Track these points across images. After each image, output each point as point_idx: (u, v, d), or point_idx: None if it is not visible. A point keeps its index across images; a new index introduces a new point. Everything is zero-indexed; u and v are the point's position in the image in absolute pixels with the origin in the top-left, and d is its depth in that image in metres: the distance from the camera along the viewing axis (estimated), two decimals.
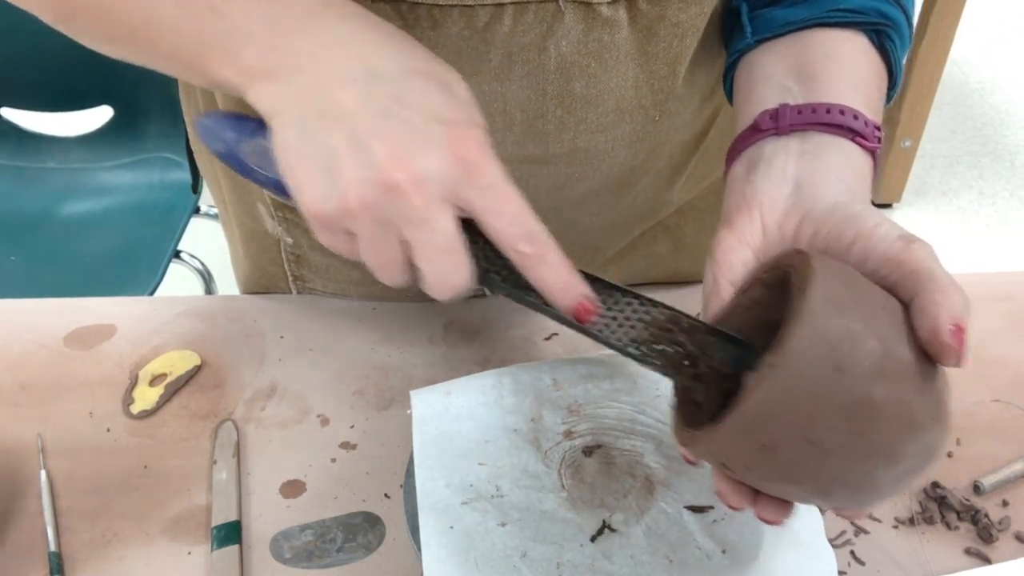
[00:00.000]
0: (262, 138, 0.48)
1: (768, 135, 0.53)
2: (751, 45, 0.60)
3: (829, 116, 0.52)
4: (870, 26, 0.58)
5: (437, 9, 0.57)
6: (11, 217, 1.46)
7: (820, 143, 0.52)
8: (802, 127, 0.52)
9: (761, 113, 0.54)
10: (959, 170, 2.48)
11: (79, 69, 1.38)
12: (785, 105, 0.53)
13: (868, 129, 0.52)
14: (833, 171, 0.51)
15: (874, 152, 0.53)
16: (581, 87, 0.62)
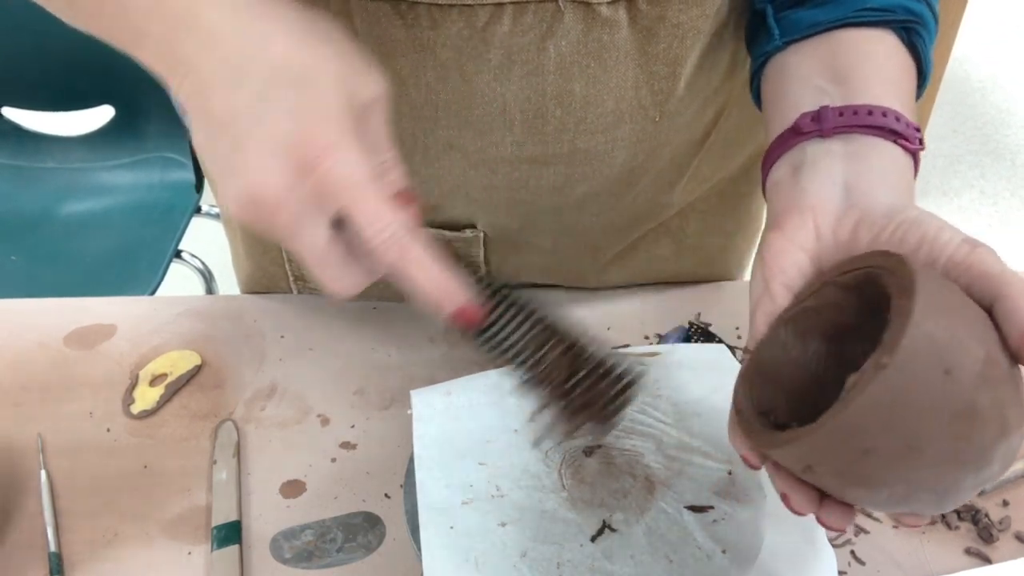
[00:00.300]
0: None
1: (811, 137, 0.52)
2: (779, 47, 0.59)
3: (871, 118, 0.51)
4: (899, 24, 0.57)
5: (436, 9, 0.57)
6: (11, 217, 1.46)
7: (865, 145, 0.51)
8: (845, 129, 0.52)
9: (802, 115, 0.53)
10: (960, 169, 2.48)
11: (80, 69, 1.38)
12: (826, 107, 0.53)
13: (909, 131, 0.52)
14: (881, 173, 0.50)
15: (916, 154, 0.52)
16: (581, 87, 0.62)
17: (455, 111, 0.62)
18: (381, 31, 0.58)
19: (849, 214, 0.48)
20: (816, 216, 0.49)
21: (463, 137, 0.64)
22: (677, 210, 0.82)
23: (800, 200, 0.50)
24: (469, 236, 0.75)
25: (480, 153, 0.65)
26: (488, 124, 0.63)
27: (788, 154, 0.53)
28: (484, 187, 0.68)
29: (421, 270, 0.45)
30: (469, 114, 0.62)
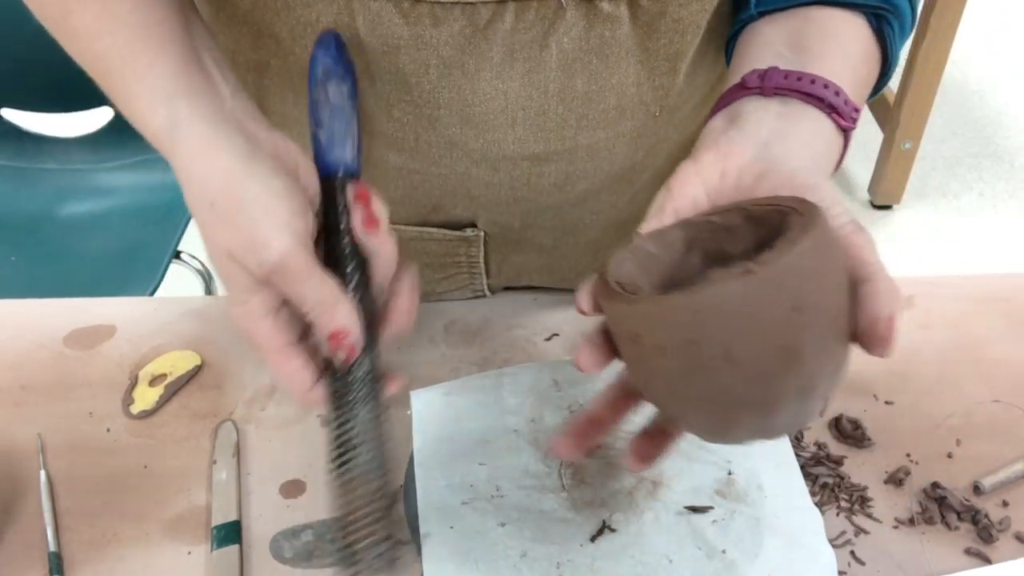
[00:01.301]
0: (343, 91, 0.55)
1: (752, 93, 0.54)
2: (753, 16, 0.61)
3: (812, 87, 0.53)
4: (870, 9, 0.59)
5: (439, 7, 0.57)
6: (11, 218, 1.46)
7: (798, 110, 0.53)
8: (785, 91, 0.53)
9: (750, 72, 0.55)
10: (959, 171, 2.48)
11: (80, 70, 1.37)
12: (774, 68, 0.54)
13: (847, 108, 0.53)
14: (803, 140, 0.52)
15: (847, 131, 0.54)
16: (582, 84, 0.62)
17: (457, 109, 0.62)
18: (383, 29, 0.58)
19: (757, 165, 0.50)
20: (727, 159, 0.51)
21: (465, 135, 0.64)
22: None
23: (720, 143, 0.52)
24: (470, 235, 0.75)
25: (482, 151, 0.65)
26: (490, 121, 0.63)
27: (730, 107, 0.55)
28: (486, 184, 0.68)
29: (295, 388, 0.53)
30: (471, 112, 0.63)
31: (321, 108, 0.55)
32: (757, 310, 0.40)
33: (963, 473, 0.68)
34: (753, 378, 0.42)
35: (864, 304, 0.44)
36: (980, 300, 0.82)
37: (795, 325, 0.41)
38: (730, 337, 0.41)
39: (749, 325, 0.40)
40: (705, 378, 0.42)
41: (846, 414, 0.71)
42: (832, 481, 0.67)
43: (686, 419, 0.47)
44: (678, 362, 0.42)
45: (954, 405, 0.73)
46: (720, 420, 0.45)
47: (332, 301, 0.51)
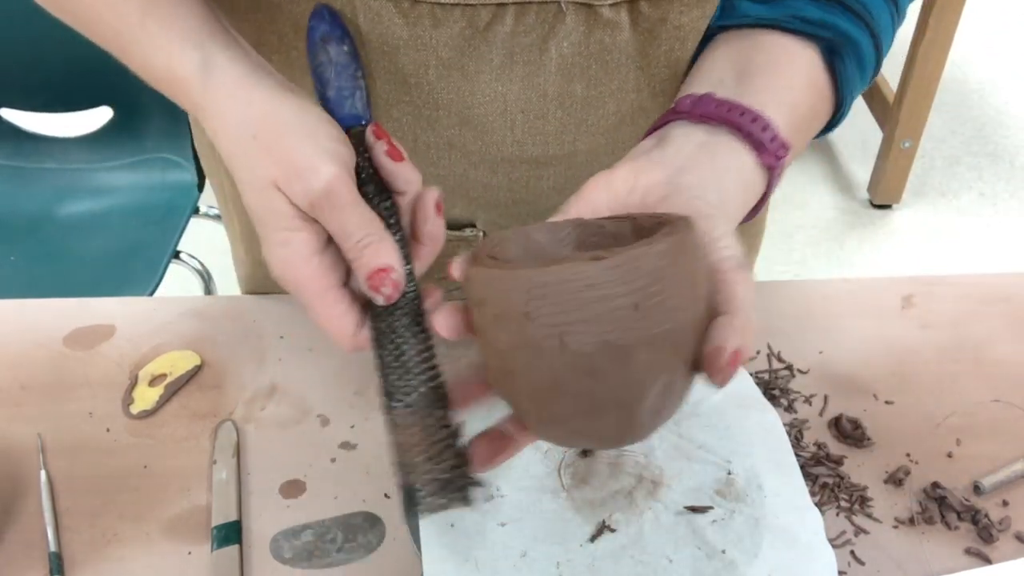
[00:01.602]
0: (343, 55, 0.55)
1: (683, 117, 0.54)
2: (712, 30, 0.61)
3: (740, 119, 0.52)
4: (824, 42, 0.58)
5: (439, 8, 0.57)
6: (11, 217, 1.46)
7: (722, 141, 0.52)
8: (713, 120, 0.53)
9: (684, 96, 0.55)
10: (959, 171, 2.48)
11: (79, 70, 1.38)
12: (708, 95, 0.54)
13: (772, 144, 0.53)
14: (718, 170, 0.51)
15: (771, 168, 0.53)
16: (582, 88, 0.62)
17: (456, 110, 0.62)
18: (383, 29, 0.58)
19: (663, 188, 0.50)
20: (639, 176, 0.51)
21: (463, 136, 0.64)
22: None
23: (638, 160, 0.52)
24: (469, 235, 0.75)
25: (481, 152, 0.65)
26: (489, 124, 0.63)
27: (661, 129, 0.55)
28: (484, 186, 0.68)
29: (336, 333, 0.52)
30: (470, 113, 0.63)
31: (325, 69, 0.55)
32: (596, 297, 0.40)
33: (963, 473, 0.68)
34: (579, 369, 0.41)
35: (713, 332, 0.43)
36: (980, 300, 0.82)
37: (631, 323, 0.40)
38: (564, 319, 0.40)
39: (585, 310, 0.40)
40: (533, 356, 0.42)
41: (846, 414, 0.71)
42: (832, 481, 0.67)
43: (514, 403, 0.46)
44: (511, 335, 0.42)
45: (954, 405, 0.73)
46: (544, 411, 0.44)
47: (377, 236, 0.49)
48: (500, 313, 0.43)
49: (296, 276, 0.50)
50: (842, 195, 2.41)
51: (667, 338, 0.41)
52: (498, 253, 0.47)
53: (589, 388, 0.42)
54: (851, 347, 0.77)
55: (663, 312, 0.41)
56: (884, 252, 2.26)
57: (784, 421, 0.69)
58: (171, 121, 1.44)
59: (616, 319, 0.40)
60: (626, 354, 0.41)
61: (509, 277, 0.42)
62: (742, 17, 0.59)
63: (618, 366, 0.41)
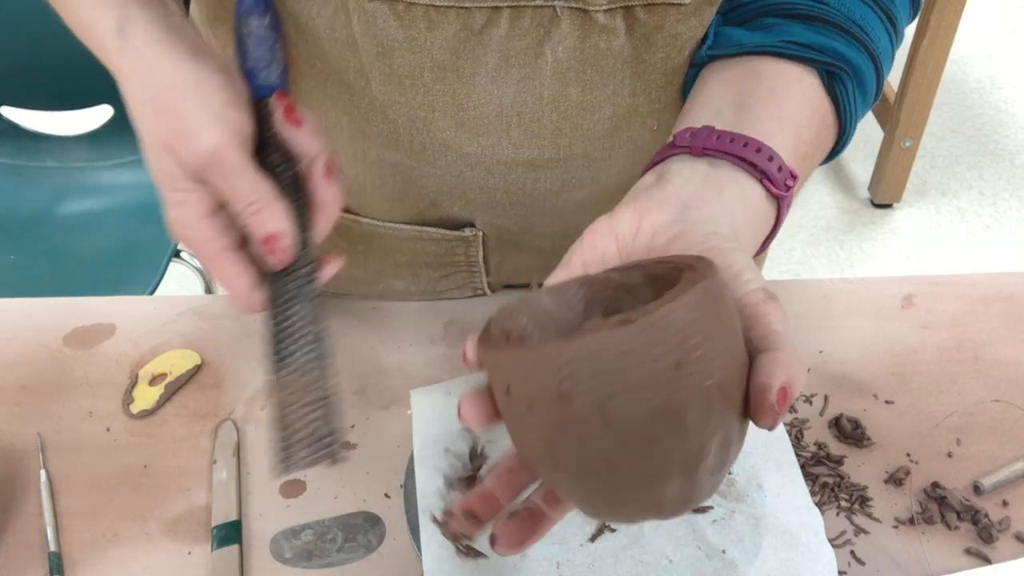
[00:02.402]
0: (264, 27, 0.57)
1: (682, 152, 0.53)
2: (703, 58, 0.60)
3: (744, 150, 0.51)
4: (822, 65, 0.57)
5: (434, 10, 0.57)
6: (11, 216, 1.46)
7: (727, 174, 0.51)
8: (715, 153, 0.51)
9: (683, 130, 0.53)
10: (959, 170, 2.48)
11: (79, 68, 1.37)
12: (708, 127, 0.53)
13: (780, 175, 0.51)
14: (726, 204, 0.50)
15: (780, 199, 0.52)
16: (577, 93, 0.62)
17: (451, 112, 0.62)
18: (378, 31, 0.58)
19: (674, 226, 0.48)
20: (644, 217, 0.49)
21: (459, 138, 0.64)
22: None
23: (641, 200, 0.50)
24: (468, 235, 0.75)
25: (477, 154, 0.65)
26: (484, 126, 0.63)
27: (660, 164, 0.53)
28: (481, 188, 0.68)
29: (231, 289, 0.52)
30: (465, 115, 0.62)
31: (245, 41, 0.57)
32: (634, 363, 0.37)
33: (963, 473, 0.68)
34: (631, 442, 0.38)
35: (757, 370, 0.41)
36: (980, 299, 0.82)
37: (677, 384, 0.38)
38: (605, 393, 0.37)
39: (626, 380, 0.37)
40: (579, 439, 0.39)
41: (846, 414, 0.71)
42: (832, 481, 0.67)
43: (564, 488, 0.43)
44: (550, 420, 0.39)
45: (954, 405, 0.73)
46: (598, 491, 0.41)
47: (266, 202, 0.50)
48: (533, 398, 0.39)
49: (191, 236, 0.51)
50: (843, 194, 2.41)
51: (716, 390, 0.39)
52: (511, 330, 0.45)
53: (646, 459, 0.39)
54: (851, 347, 0.77)
55: (707, 364, 0.38)
56: (885, 251, 2.26)
57: (784, 421, 0.69)
58: None
59: (660, 382, 0.37)
60: (679, 416, 0.38)
61: (536, 358, 0.39)
62: (736, 46, 0.58)
63: (673, 431, 0.38)
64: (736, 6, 0.61)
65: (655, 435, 0.38)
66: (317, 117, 0.66)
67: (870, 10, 0.59)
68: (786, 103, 0.55)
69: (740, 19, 0.60)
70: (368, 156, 0.68)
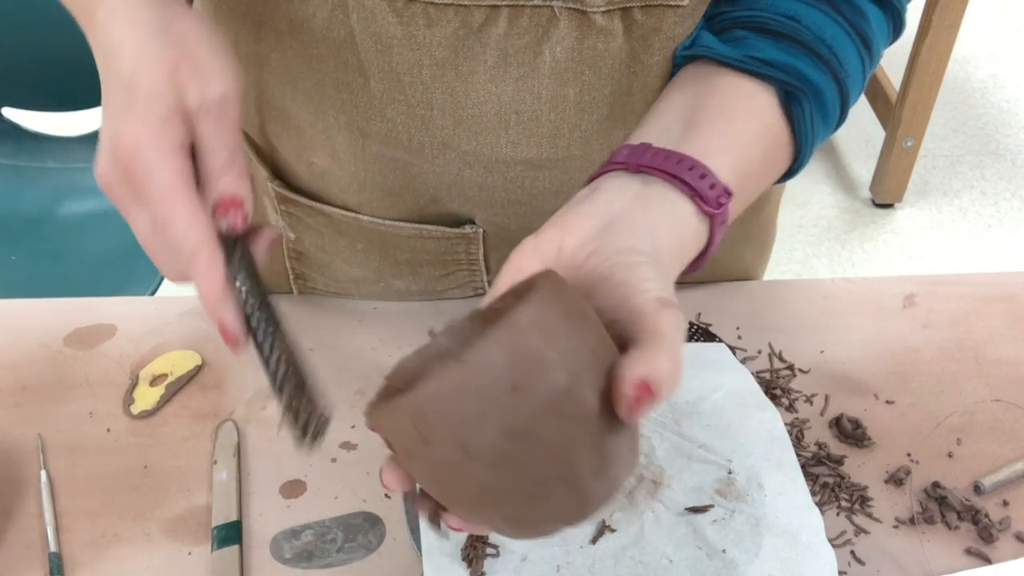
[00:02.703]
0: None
1: (618, 168, 0.53)
2: (677, 58, 0.60)
3: (677, 167, 0.51)
4: (781, 84, 0.56)
5: (433, 7, 0.57)
6: (11, 217, 1.46)
7: (658, 191, 0.51)
8: (649, 170, 0.52)
9: (622, 146, 0.54)
10: (961, 170, 2.48)
11: (80, 69, 1.38)
12: (646, 144, 0.53)
13: (711, 192, 0.51)
14: (650, 220, 0.50)
15: (712, 216, 0.52)
16: (575, 93, 0.62)
17: (450, 110, 0.62)
18: (377, 28, 0.58)
19: (594, 242, 0.49)
20: (566, 235, 0.50)
21: (457, 136, 0.64)
22: None
23: (564, 216, 0.51)
24: (469, 232, 0.75)
25: (475, 153, 0.65)
26: (483, 124, 0.63)
27: (596, 180, 0.54)
28: (480, 186, 0.68)
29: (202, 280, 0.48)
30: (463, 114, 0.63)
31: None
32: (473, 395, 0.39)
33: (963, 473, 0.68)
34: (498, 467, 0.40)
35: (618, 364, 0.42)
36: (981, 299, 0.82)
37: (518, 403, 0.39)
38: (457, 429, 0.39)
39: (471, 413, 0.39)
40: (453, 476, 0.41)
41: (846, 414, 0.71)
42: (832, 481, 0.67)
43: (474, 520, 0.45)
44: (425, 464, 0.41)
45: (954, 404, 0.73)
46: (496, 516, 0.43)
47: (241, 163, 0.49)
48: (407, 448, 0.41)
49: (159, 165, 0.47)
50: (844, 194, 2.41)
51: (566, 398, 0.40)
52: (393, 380, 0.47)
53: (518, 480, 0.41)
54: (852, 347, 0.77)
55: (546, 377, 0.39)
56: (886, 251, 2.25)
57: (785, 420, 0.69)
58: None
59: (503, 406, 0.39)
60: (529, 433, 0.39)
61: (393, 411, 0.41)
62: (704, 48, 0.58)
63: (531, 448, 0.40)
64: (715, 14, 0.61)
65: (516, 456, 0.40)
66: (315, 116, 0.66)
67: (844, 32, 0.58)
68: (734, 119, 0.55)
69: (718, 28, 0.60)
70: (367, 153, 0.68)
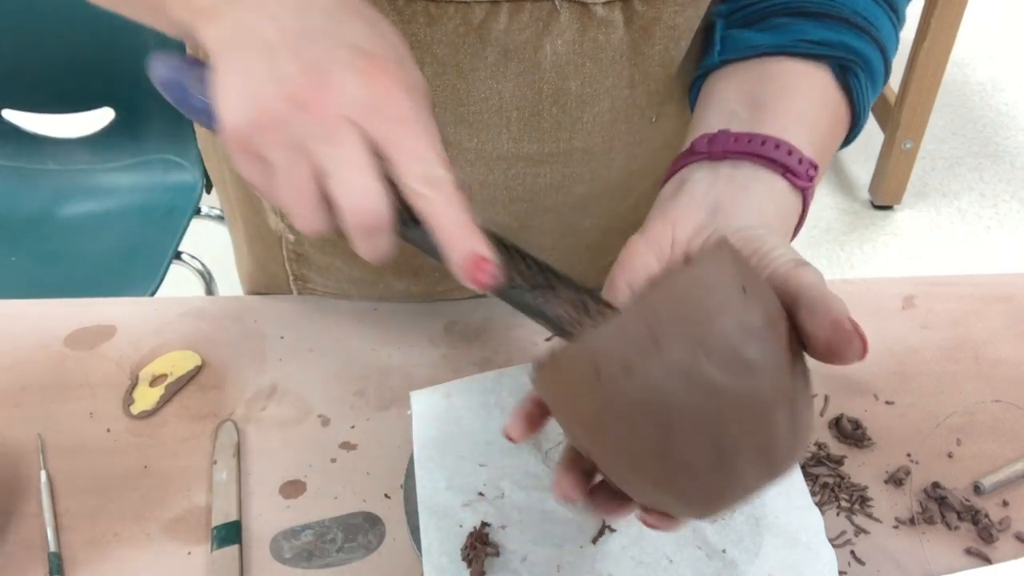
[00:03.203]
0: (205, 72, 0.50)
1: (701, 158, 0.53)
2: (716, 64, 0.60)
3: (763, 148, 0.52)
4: (835, 60, 0.57)
5: (433, 5, 0.57)
6: (12, 218, 1.46)
7: (749, 173, 0.52)
8: (735, 155, 0.52)
9: (699, 136, 0.54)
10: (960, 172, 2.48)
11: (81, 71, 1.38)
12: (724, 131, 0.53)
13: (801, 167, 0.52)
14: (754, 201, 0.51)
15: (805, 190, 0.53)
16: (576, 86, 0.62)
17: (451, 107, 0.63)
18: None
19: (706, 229, 0.49)
20: (676, 226, 0.50)
21: (459, 133, 0.64)
22: None
23: (668, 211, 0.51)
24: None
25: (477, 150, 0.65)
26: (484, 121, 0.63)
27: (680, 172, 0.54)
28: (481, 184, 0.68)
29: (447, 214, 0.42)
30: (465, 110, 0.63)
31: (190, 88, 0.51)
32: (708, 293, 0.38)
33: (963, 473, 0.68)
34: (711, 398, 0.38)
35: (811, 320, 0.42)
36: (980, 299, 0.82)
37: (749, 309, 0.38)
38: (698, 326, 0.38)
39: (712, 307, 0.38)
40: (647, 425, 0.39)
41: (846, 414, 0.71)
42: (832, 481, 0.67)
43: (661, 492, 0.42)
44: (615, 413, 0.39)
45: (954, 405, 0.73)
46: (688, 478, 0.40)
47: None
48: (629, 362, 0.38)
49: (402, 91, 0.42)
50: (843, 196, 2.41)
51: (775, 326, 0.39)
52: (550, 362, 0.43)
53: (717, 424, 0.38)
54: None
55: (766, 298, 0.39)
56: (885, 253, 2.26)
57: None
58: (172, 122, 1.45)
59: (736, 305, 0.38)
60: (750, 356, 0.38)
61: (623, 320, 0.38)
62: (748, 49, 0.58)
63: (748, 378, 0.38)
64: (740, 7, 0.61)
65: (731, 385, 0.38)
66: None
67: (872, 1, 0.60)
68: (799, 97, 0.56)
69: (746, 21, 0.60)
70: None
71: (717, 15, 0.61)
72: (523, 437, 0.45)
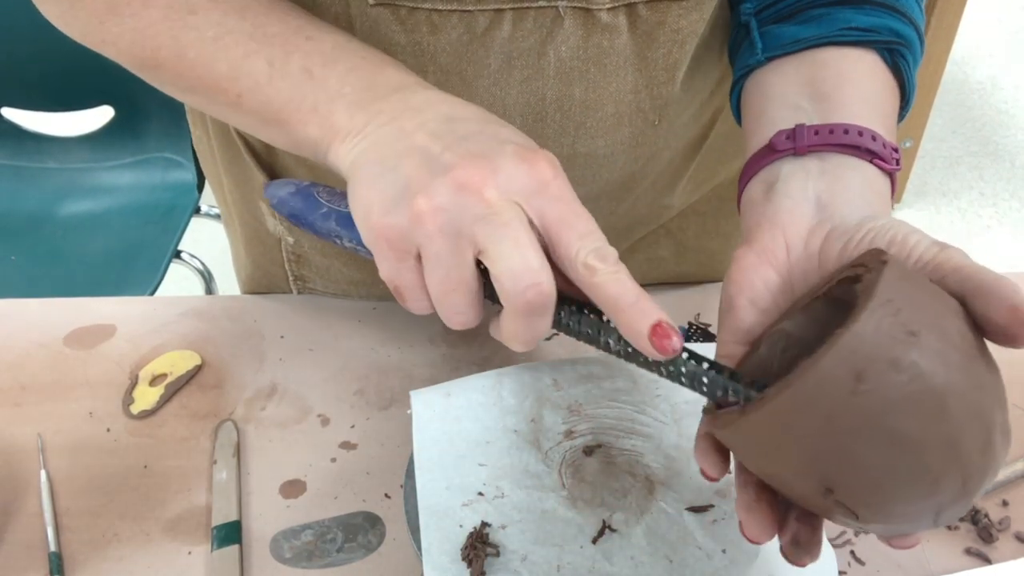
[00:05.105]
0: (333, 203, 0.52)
1: (785, 155, 0.52)
2: (761, 62, 0.59)
3: (847, 137, 0.51)
4: (882, 44, 0.57)
5: (436, 14, 0.57)
6: (11, 217, 1.46)
7: (839, 164, 0.51)
8: (820, 148, 0.51)
9: (777, 133, 0.53)
10: (959, 170, 2.48)
11: (80, 69, 1.38)
12: (802, 125, 0.52)
13: (886, 151, 0.52)
14: (855, 191, 0.50)
15: (892, 174, 0.52)
16: (580, 92, 0.62)
17: None
18: (381, 36, 0.58)
19: (821, 226, 0.48)
20: (786, 231, 0.49)
21: None
22: (676, 212, 0.82)
23: (771, 216, 0.50)
24: None
25: None
26: None
27: (763, 172, 0.53)
28: None
29: (625, 285, 0.43)
30: None
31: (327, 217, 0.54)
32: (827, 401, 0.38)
33: None
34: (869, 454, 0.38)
35: (987, 305, 0.41)
36: None
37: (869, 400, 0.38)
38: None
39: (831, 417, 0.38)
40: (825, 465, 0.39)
41: None
42: None
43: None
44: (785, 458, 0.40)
45: None
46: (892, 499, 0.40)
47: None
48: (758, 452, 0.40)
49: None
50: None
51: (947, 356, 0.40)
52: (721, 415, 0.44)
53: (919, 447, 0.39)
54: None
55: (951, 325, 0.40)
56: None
57: None
58: (172, 121, 1.45)
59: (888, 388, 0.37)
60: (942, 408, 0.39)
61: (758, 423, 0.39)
62: (795, 43, 0.58)
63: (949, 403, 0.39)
64: (771, 3, 0.60)
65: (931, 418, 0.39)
66: None
67: None
68: (859, 85, 0.55)
69: (779, 16, 0.60)
70: None
71: (746, 14, 0.61)
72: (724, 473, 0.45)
